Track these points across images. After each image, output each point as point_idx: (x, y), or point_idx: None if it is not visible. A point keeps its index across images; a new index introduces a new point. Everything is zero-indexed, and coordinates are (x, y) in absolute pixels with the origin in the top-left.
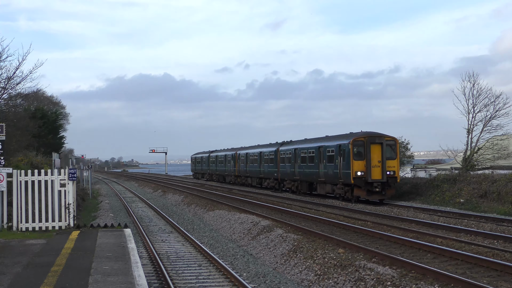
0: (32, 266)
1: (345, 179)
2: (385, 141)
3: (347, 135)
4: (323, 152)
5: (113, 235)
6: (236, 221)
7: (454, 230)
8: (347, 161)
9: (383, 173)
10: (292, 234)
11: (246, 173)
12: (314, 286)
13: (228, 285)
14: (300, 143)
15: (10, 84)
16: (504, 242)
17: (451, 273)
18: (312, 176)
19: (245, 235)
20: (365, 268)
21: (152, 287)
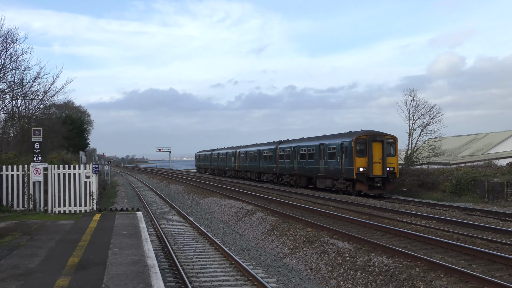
0: (63, 242)
1: (348, 174)
2: (386, 139)
3: (348, 134)
4: (323, 149)
5: (127, 217)
6: (226, 206)
7: (398, 213)
8: (349, 157)
9: (384, 169)
10: (271, 216)
11: (246, 168)
12: (287, 257)
13: (219, 257)
14: (298, 141)
15: (47, 96)
16: (437, 222)
17: (395, 247)
18: (312, 171)
19: (233, 217)
20: (328, 243)
21: (159, 258)
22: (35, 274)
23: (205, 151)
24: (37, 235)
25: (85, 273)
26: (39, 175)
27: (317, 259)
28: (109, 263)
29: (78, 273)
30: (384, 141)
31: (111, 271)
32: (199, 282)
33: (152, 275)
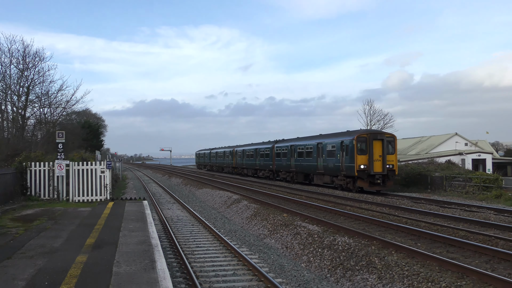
0: (82, 225)
1: (348, 171)
2: (386, 137)
3: (348, 133)
4: (322, 148)
5: (135, 205)
6: (216, 196)
7: (358, 201)
8: (350, 155)
9: (384, 167)
10: (254, 204)
11: (243, 165)
12: (267, 238)
13: (211, 237)
14: (294, 141)
15: (68, 105)
16: (389, 209)
17: (355, 229)
18: (310, 168)
19: (222, 205)
20: (300, 226)
21: (161, 239)
22: (59, 252)
23: (205, 150)
24: (60, 220)
25: (100, 251)
26: (62, 170)
27: (292, 239)
28: (120, 243)
29: (94, 251)
30: (384, 140)
31: (122, 250)
32: (195, 258)
33: (156, 253)
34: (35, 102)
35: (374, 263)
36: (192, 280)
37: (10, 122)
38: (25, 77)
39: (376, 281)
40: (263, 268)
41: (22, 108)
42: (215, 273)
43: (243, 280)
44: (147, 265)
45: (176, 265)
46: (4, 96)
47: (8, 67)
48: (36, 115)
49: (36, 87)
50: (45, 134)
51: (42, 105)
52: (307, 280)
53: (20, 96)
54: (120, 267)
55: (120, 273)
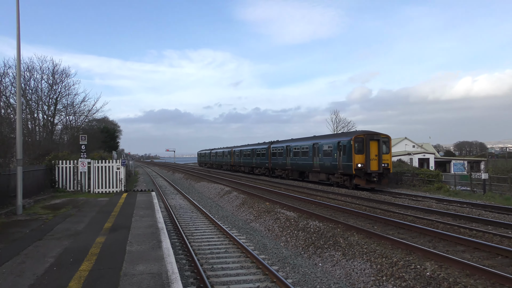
0: (101, 212)
1: (346, 170)
2: (381, 138)
3: (343, 134)
4: (318, 148)
5: (145, 195)
6: (212, 188)
7: (326, 192)
8: (348, 155)
9: (380, 165)
10: (242, 194)
11: (240, 163)
12: (253, 222)
13: (208, 222)
14: (290, 141)
15: (90, 114)
16: (352, 199)
17: (324, 215)
18: (305, 166)
19: (216, 195)
20: (280, 213)
21: (166, 223)
22: (81, 235)
23: (205, 150)
24: (83, 208)
25: (116, 233)
26: (84, 167)
27: (273, 223)
28: (132, 226)
29: (111, 234)
30: (380, 140)
31: (134, 232)
32: (194, 239)
33: (162, 235)
34: (62, 111)
35: (339, 243)
36: (192, 257)
37: (41, 127)
38: (54, 91)
39: (341, 257)
40: (249, 246)
41: (51, 116)
42: (211, 251)
43: (233, 256)
44: (154, 244)
45: (179, 245)
46: (36, 106)
47: (40, 82)
48: (63, 121)
49: (63, 99)
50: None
51: (68, 114)
52: (285, 256)
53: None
54: (132, 246)
55: (132, 251)
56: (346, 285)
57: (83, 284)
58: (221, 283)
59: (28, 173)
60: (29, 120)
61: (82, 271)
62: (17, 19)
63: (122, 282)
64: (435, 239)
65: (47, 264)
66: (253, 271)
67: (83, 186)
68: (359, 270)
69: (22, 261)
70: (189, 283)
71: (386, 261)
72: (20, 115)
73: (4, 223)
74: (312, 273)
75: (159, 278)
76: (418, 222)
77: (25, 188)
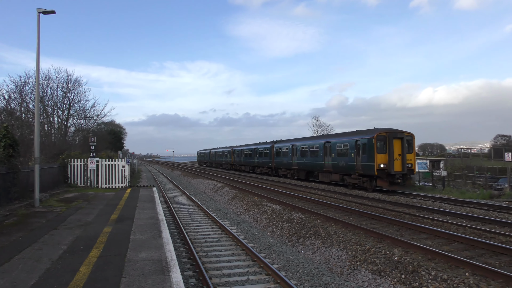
0: (108, 205)
1: (366, 170)
2: (405, 136)
3: (364, 132)
4: (330, 147)
5: (147, 190)
6: (207, 184)
7: (308, 188)
8: (369, 154)
9: (404, 166)
10: (233, 190)
11: (241, 162)
12: (243, 214)
13: (203, 214)
14: (296, 141)
15: (99, 118)
16: (331, 193)
17: (306, 208)
18: (315, 166)
19: (210, 190)
20: (267, 206)
21: (166, 215)
22: (91, 225)
23: (205, 150)
24: (92, 201)
25: (121, 224)
26: (93, 165)
27: (260, 215)
28: (135, 218)
29: (117, 224)
30: (404, 138)
31: (137, 223)
32: (190, 229)
33: (162, 226)
34: (74, 115)
35: (319, 232)
36: (188, 245)
37: (56, 130)
38: (67, 97)
39: (321, 245)
40: (239, 236)
41: (65, 120)
42: (205, 240)
43: (225, 245)
44: (155, 234)
45: (177, 234)
46: (52, 111)
47: (55, 90)
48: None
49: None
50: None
51: (79, 118)
52: (271, 244)
53: (64, 111)
54: (136, 236)
55: (135, 240)
56: (325, 269)
57: (92, 268)
58: (215, 268)
59: (44, 170)
60: (46, 124)
61: (91, 257)
62: (37, 36)
63: (126, 267)
64: (402, 228)
65: (61, 250)
66: (243, 257)
67: (92, 182)
68: (337, 256)
69: (39, 248)
70: (186, 268)
71: (360, 248)
72: (38, 119)
73: (24, 214)
74: (295, 259)
75: (159, 264)
76: (388, 214)
77: (41, 183)
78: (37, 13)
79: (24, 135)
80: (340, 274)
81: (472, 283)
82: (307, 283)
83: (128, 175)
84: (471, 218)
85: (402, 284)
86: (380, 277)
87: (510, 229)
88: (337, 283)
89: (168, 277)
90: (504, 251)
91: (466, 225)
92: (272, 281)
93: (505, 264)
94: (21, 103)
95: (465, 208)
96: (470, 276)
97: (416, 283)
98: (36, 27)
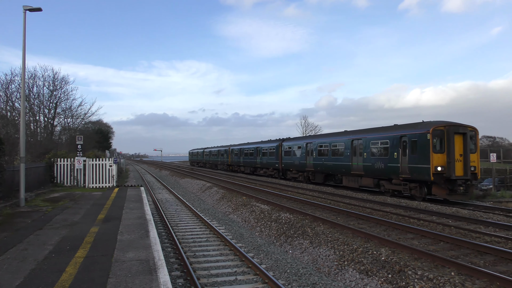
0: (95, 205)
1: (416, 174)
2: (468, 131)
3: (411, 125)
4: (361, 144)
5: (135, 190)
6: (195, 183)
7: (296, 188)
8: (421, 153)
9: (467, 169)
10: (222, 190)
11: (240, 163)
12: (231, 214)
13: (191, 214)
14: (311, 138)
15: (85, 117)
16: (318, 193)
17: (294, 208)
18: (339, 168)
19: (199, 190)
20: (255, 206)
21: (153, 215)
22: (77, 225)
23: (198, 149)
24: (79, 201)
25: (108, 224)
26: (80, 164)
27: (249, 215)
28: (123, 218)
29: (104, 224)
30: (467, 134)
31: (124, 223)
32: (178, 229)
33: (149, 225)
34: (61, 114)
35: (307, 232)
36: (176, 245)
37: (42, 128)
38: (54, 96)
39: (309, 245)
40: (227, 236)
41: (51, 119)
42: (193, 240)
43: (213, 245)
44: (143, 234)
45: (165, 234)
46: (38, 109)
47: (42, 88)
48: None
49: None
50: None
51: (66, 117)
52: (259, 244)
53: (50, 109)
54: (123, 236)
55: (123, 240)
56: (312, 269)
57: (78, 269)
58: (203, 268)
59: (30, 169)
60: (32, 122)
61: (77, 258)
62: (23, 34)
63: (113, 268)
64: (389, 228)
65: (46, 251)
66: (231, 257)
67: (79, 182)
68: (324, 256)
69: (24, 248)
70: (173, 269)
71: (347, 248)
72: (23, 118)
73: (9, 214)
74: (283, 259)
75: (147, 264)
76: (375, 214)
77: (27, 183)
78: (23, 10)
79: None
80: (328, 273)
81: (457, 282)
82: (295, 283)
83: (116, 174)
84: (457, 218)
85: (389, 284)
86: (367, 277)
87: (495, 229)
88: (325, 283)
89: (155, 277)
90: (489, 251)
91: (452, 224)
92: (260, 281)
93: (489, 263)
94: (6, 102)
95: (450, 208)
96: (455, 276)
97: (402, 282)
98: (22, 25)
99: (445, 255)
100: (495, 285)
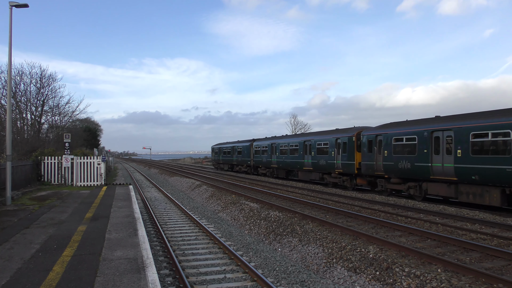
0: (83, 203)
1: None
2: None
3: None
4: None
5: (123, 188)
6: (184, 182)
7: (285, 186)
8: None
9: None
10: (211, 188)
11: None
12: (220, 212)
13: (180, 212)
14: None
15: (73, 115)
16: (308, 191)
17: (283, 206)
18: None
19: (188, 188)
20: (244, 204)
21: (142, 213)
22: (65, 223)
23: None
24: (66, 199)
25: (96, 222)
26: (68, 163)
27: (238, 213)
28: (111, 216)
29: (92, 222)
30: None
31: (112, 221)
32: (167, 227)
33: (138, 224)
34: (48, 112)
35: (296, 230)
36: (165, 243)
37: (29, 126)
38: (41, 93)
39: (298, 243)
40: (217, 234)
41: (39, 116)
42: (182, 238)
43: (203, 243)
44: (131, 232)
45: (154, 233)
46: (25, 107)
47: (29, 86)
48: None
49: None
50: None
51: (53, 114)
52: (248, 242)
53: (37, 107)
54: (111, 234)
55: (111, 238)
56: (301, 267)
57: (66, 267)
58: (192, 266)
59: (16, 167)
60: (18, 120)
61: (65, 256)
62: (10, 30)
63: (101, 266)
64: (377, 226)
65: (33, 250)
66: (220, 256)
67: (66, 180)
68: (313, 254)
69: (10, 247)
70: (162, 267)
71: (336, 245)
72: (10, 115)
73: None
74: (272, 257)
75: (135, 263)
76: (363, 212)
77: (13, 181)
78: (10, 6)
79: None
80: (317, 271)
81: (443, 279)
82: (284, 280)
83: (104, 173)
84: (444, 215)
85: (376, 281)
86: (356, 274)
87: (481, 226)
88: (314, 280)
89: (143, 276)
90: (475, 248)
91: (439, 222)
92: (249, 279)
93: (475, 260)
94: None
95: (438, 206)
96: (442, 272)
97: (390, 279)
98: (8, 21)
99: (432, 252)
100: (480, 281)
